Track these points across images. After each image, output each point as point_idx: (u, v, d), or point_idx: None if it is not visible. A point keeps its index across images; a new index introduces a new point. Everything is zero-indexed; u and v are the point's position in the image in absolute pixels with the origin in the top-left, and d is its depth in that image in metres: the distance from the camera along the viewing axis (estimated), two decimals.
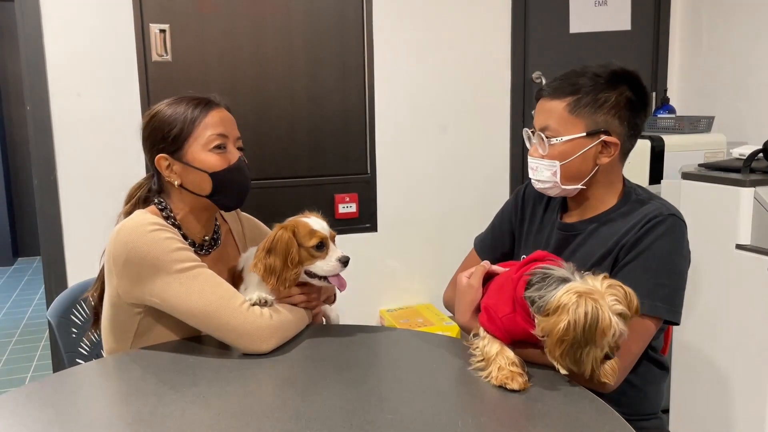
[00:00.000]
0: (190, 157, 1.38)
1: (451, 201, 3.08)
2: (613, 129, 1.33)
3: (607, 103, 1.32)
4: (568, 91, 1.33)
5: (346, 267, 1.37)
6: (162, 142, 1.38)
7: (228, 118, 1.42)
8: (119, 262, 1.31)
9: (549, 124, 1.35)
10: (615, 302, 1.05)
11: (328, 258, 1.36)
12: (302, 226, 1.36)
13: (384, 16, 2.88)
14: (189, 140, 1.37)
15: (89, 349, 1.65)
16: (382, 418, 1.03)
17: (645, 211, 1.31)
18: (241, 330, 1.27)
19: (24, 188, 5.78)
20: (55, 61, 2.52)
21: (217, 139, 1.38)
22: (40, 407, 1.11)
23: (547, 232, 1.46)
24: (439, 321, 2.83)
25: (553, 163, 1.35)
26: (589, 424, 1.02)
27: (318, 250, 1.35)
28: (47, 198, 2.58)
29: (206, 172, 1.37)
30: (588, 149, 1.33)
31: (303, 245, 1.35)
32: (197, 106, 1.39)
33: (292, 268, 1.33)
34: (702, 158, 2.52)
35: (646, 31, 3.23)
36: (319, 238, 1.35)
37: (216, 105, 1.41)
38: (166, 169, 1.39)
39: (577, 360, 1.07)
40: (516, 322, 1.17)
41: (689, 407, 2.23)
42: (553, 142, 1.34)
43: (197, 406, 1.09)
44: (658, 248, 1.27)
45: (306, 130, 2.86)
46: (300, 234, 1.35)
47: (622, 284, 1.09)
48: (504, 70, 3.07)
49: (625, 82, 1.34)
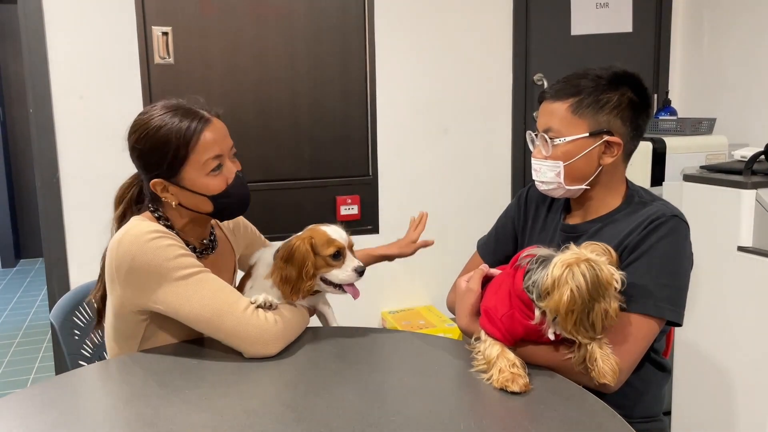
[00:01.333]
0: (187, 182, 1.34)
1: (452, 202, 3.08)
2: (616, 129, 1.34)
3: (609, 104, 1.32)
4: (570, 92, 1.34)
5: (361, 276, 1.37)
6: (156, 168, 1.33)
7: (221, 132, 1.36)
8: (122, 271, 1.30)
9: (552, 125, 1.35)
10: (600, 256, 1.11)
11: (344, 267, 1.36)
12: (320, 236, 1.36)
13: (386, 18, 2.88)
14: (185, 165, 1.32)
15: (92, 351, 1.65)
16: (384, 420, 1.03)
17: (648, 212, 1.31)
18: (247, 335, 1.27)
19: (26, 190, 5.79)
20: (57, 63, 2.53)
21: (214, 161, 1.33)
22: (43, 409, 1.11)
23: (550, 234, 1.47)
24: (440, 323, 2.83)
25: (556, 164, 1.35)
26: (591, 427, 1.02)
27: (335, 259, 1.36)
28: (49, 200, 2.58)
29: (206, 196, 1.35)
30: (591, 149, 1.34)
31: (320, 254, 1.35)
32: (189, 127, 1.30)
33: (307, 280, 1.34)
34: (703, 160, 2.52)
35: (648, 33, 3.23)
36: (336, 248, 1.35)
37: (208, 120, 1.34)
38: (161, 191, 1.36)
39: (591, 325, 1.10)
40: (514, 318, 1.18)
41: (691, 409, 2.23)
42: (557, 142, 1.35)
43: (200, 408, 1.09)
44: (661, 249, 1.27)
45: (308, 131, 2.87)
46: (317, 243, 1.35)
47: (596, 242, 1.15)
48: (506, 72, 3.08)
49: (626, 84, 1.34)
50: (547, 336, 1.18)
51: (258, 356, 1.28)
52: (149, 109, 1.36)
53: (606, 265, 1.09)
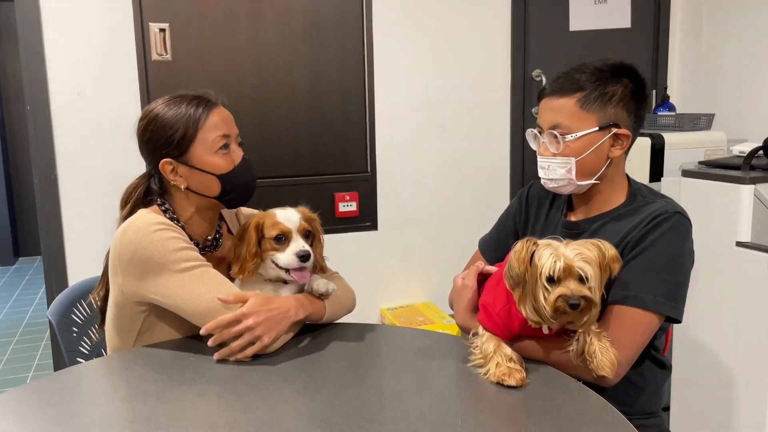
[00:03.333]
0: (196, 160, 1.37)
1: (451, 199, 3.08)
2: (623, 121, 1.35)
3: (615, 96, 1.33)
4: (574, 87, 1.34)
5: (305, 262, 1.36)
6: (165, 147, 1.37)
7: (228, 116, 1.42)
8: (124, 260, 1.31)
9: (560, 121, 1.35)
10: (576, 253, 1.11)
11: (287, 251, 1.36)
12: (269, 218, 1.38)
13: (384, 14, 2.88)
14: (194, 143, 1.36)
15: (90, 348, 1.65)
16: (383, 416, 1.03)
17: (651, 208, 1.32)
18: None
19: (24, 187, 5.78)
20: (54, 60, 2.52)
21: (222, 140, 1.38)
22: (41, 406, 1.11)
23: (551, 231, 1.47)
24: (439, 319, 2.83)
25: (567, 161, 1.35)
26: (589, 422, 1.02)
27: (278, 242, 1.36)
28: (47, 197, 2.58)
29: (214, 175, 1.38)
30: (601, 143, 1.34)
31: (266, 236, 1.37)
32: (198, 107, 1.37)
33: (250, 259, 1.35)
34: (702, 156, 2.52)
35: (646, 28, 3.23)
36: (279, 230, 1.36)
37: (215, 104, 1.40)
38: (170, 173, 1.39)
39: (535, 307, 1.12)
40: (511, 313, 1.19)
41: (689, 405, 2.23)
42: (568, 138, 1.34)
43: (198, 405, 1.09)
44: (663, 245, 1.27)
45: (306, 128, 2.86)
46: (266, 224, 1.37)
47: (595, 242, 1.15)
48: (504, 68, 3.07)
49: (626, 75, 1.35)
50: (543, 330, 1.19)
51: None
52: (157, 100, 1.42)
53: (547, 250, 1.11)
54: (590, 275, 1.10)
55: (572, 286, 1.10)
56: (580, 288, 1.10)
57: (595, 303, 1.12)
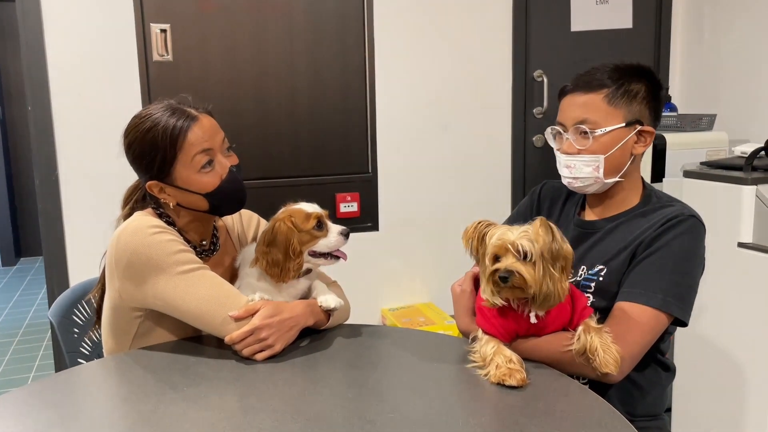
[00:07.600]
0: (180, 181, 1.34)
1: (452, 199, 3.07)
2: (645, 119, 1.36)
3: (640, 94, 1.35)
4: (599, 84, 1.34)
5: (347, 239, 1.39)
6: (148, 171, 1.35)
7: (209, 127, 1.35)
8: (121, 264, 1.30)
9: (588, 116, 1.34)
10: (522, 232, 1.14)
11: (330, 234, 1.38)
12: (297, 213, 1.38)
13: (385, 14, 2.88)
14: (175, 164, 1.32)
15: (91, 349, 1.65)
16: (383, 417, 1.03)
17: (666, 211, 1.33)
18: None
19: (26, 188, 5.79)
20: (56, 60, 2.52)
21: (204, 157, 1.33)
22: (42, 407, 1.11)
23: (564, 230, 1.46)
24: (440, 320, 2.83)
25: (595, 158, 1.35)
26: (591, 423, 1.02)
27: (318, 229, 1.37)
28: (49, 198, 2.58)
29: (200, 194, 1.36)
30: (627, 140, 1.35)
31: (303, 229, 1.36)
32: (175, 125, 1.31)
33: (295, 258, 1.35)
34: (704, 156, 2.51)
35: (648, 29, 3.22)
36: (316, 218, 1.37)
37: (193, 118, 1.33)
38: (159, 193, 1.37)
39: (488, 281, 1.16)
40: (507, 314, 1.19)
41: (691, 406, 2.23)
42: (597, 133, 1.34)
43: (198, 406, 1.09)
44: (676, 246, 1.28)
45: (307, 129, 2.86)
46: (297, 220, 1.37)
47: (552, 227, 1.15)
48: (505, 69, 3.07)
49: (644, 76, 1.36)
50: (531, 320, 1.19)
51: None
52: (139, 113, 1.37)
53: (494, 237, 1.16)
54: (531, 252, 1.12)
55: (508, 262, 1.12)
56: (516, 264, 1.12)
57: (528, 279, 1.12)
